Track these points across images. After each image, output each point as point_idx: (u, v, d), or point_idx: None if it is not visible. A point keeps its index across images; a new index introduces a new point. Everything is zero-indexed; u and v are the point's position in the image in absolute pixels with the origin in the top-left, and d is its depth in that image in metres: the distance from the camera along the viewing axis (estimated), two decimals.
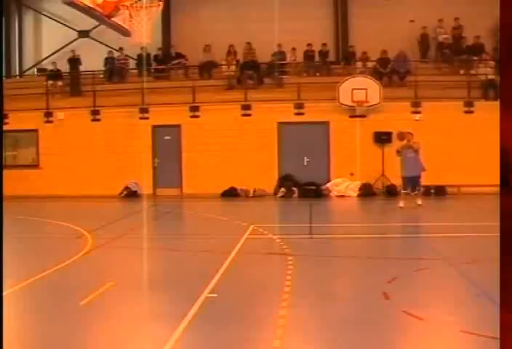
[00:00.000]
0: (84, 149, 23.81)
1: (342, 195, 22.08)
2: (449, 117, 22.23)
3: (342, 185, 22.34)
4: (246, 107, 22.90)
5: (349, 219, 17.65)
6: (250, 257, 10.65)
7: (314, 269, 9.69)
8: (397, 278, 8.50)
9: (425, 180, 18.54)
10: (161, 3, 8.57)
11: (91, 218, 16.96)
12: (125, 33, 9.17)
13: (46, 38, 29.36)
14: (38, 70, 28.80)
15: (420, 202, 17.70)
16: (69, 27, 28.58)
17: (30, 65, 29.46)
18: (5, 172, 24.15)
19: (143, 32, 8.60)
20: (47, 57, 28.82)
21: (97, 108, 23.91)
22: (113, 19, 8.75)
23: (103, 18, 8.33)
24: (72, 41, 28.47)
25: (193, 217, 18.20)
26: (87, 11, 7.77)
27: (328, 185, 22.48)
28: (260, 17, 25.13)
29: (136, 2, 8.49)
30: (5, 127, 24.58)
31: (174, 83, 24.37)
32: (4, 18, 29.10)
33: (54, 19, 28.80)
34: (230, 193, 22.45)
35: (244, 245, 11.59)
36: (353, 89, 22.13)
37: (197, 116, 23.17)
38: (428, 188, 20.90)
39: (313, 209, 18.56)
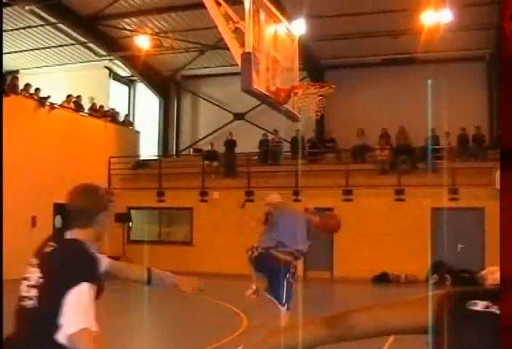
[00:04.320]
0: (237, 228, 24.36)
1: (498, 284, 21.28)
2: None
3: (498, 273, 21.56)
4: (400, 191, 22.84)
5: None
6: None
7: None
8: None
9: None
10: (333, 88, 8.84)
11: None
12: (294, 118, 9.48)
13: (203, 120, 30.70)
14: (194, 150, 30.01)
15: None
16: (225, 109, 29.79)
17: (187, 145, 30.76)
18: (159, 247, 25.27)
19: (314, 107, 8.92)
20: (203, 138, 30.03)
21: (251, 189, 24.53)
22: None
23: (276, 104, 8.66)
24: (227, 123, 29.58)
25: (345, 302, 18.06)
26: (263, 98, 8.12)
27: (483, 272, 21.79)
28: (413, 100, 25.28)
29: (308, 89, 8.80)
30: (162, 204, 25.71)
31: (327, 166, 24.72)
32: (163, 100, 30.81)
33: (210, 102, 30.14)
34: (381, 278, 22.21)
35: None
36: None
37: (350, 200, 23.28)
38: None
39: None
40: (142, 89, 31.48)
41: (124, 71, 30.38)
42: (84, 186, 3.87)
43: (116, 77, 30.55)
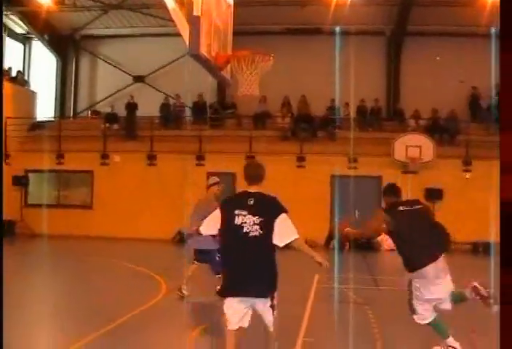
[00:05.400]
0: (138, 192, 24.32)
1: (393, 249, 22.25)
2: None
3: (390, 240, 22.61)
4: (301, 158, 23.43)
5: None
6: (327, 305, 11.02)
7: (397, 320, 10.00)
8: None
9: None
10: (271, 58, 9.03)
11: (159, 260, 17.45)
12: (227, 84, 9.64)
13: (102, 82, 30.19)
14: (92, 112, 29.51)
15: None
16: (124, 71, 29.41)
17: (85, 107, 30.21)
18: (58, 211, 24.89)
19: (253, 84, 9.06)
20: (102, 100, 29.59)
21: (153, 153, 24.49)
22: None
23: (214, 69, 8.78)
24: (127, 86, 29.25)
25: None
26: (205, 63, 8.24)
27: (378, 238, 22.79)
28: (315, 71, 25.83)
29: (248, 56, 8.96)
30: (61, 167, 25.24)
31: (229, 132, 24.98)
32: (61, 60, 30.06)
33: (109, 63, 29.67)
34: None
35: (316, 294, 11.95)
36: (408, 145, 22.64)
37: None
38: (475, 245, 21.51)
39: (369, 261, 18.92)
40: (38, 48, 30.53)
41: (19, 28, 29.36)
42: None
43: (11, 34, 29.43)
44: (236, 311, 6.15)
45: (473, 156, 23.04)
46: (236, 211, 6.18)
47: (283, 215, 6.21)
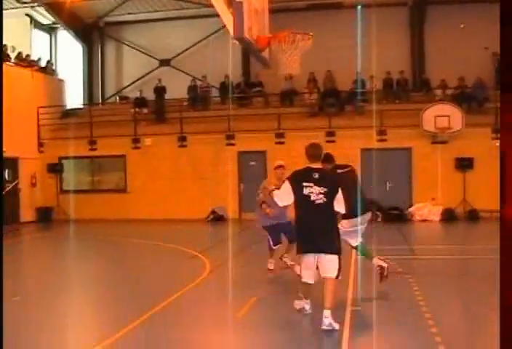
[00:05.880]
0: (171, 174, 24.70)
1: (425, 220, 22.54)
2: None
3: (425, 210, 22.81)
4: (331, 133, 23.60)
5: (445, 241, 18.51)
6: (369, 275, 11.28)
7: (439, 286, 10.29)
8: None
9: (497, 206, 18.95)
10: (311, 36, 9.25)
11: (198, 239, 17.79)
12: (265, 64, 9.85)
13: (128, 67, 30.51)
14: (120, 97, 29.87)
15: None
16: (150, 55, 29.69)
17: (112, 93, 30.58)
18: (93, 196, 25.40)
19: (294, 64, 9.31)
20: (129, 85, 29.93)
21: (183, 135, 24.81)
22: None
23: (256, 51, 9.00)
24: (153, 70, 29.54)
25: None
26: (248, 46, 8.47)
27: (411, 209, 22.99)
28: (339, 46, 25.84)
29: (288, 37, 9.18)
30: (94, 153, 25.69)
31: (257, 110, 25.16)
32: (87, 48, 30.43)
33: (135, 48, 29.96)
34: None
35: (356, 265, 12.18)
36: (436, 116, 22.67)
37: (282, 143, 23.89)
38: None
39: (403, 232, 19.23)
40: (64, 37, 30.91)
41: (45, 19, 29.74)
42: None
43: (37, 25, 29.88)
44: (308, 266, 7.71)
45: None
46: (304, 184, 7.61)
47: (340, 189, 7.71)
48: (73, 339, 7.55)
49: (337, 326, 7.34)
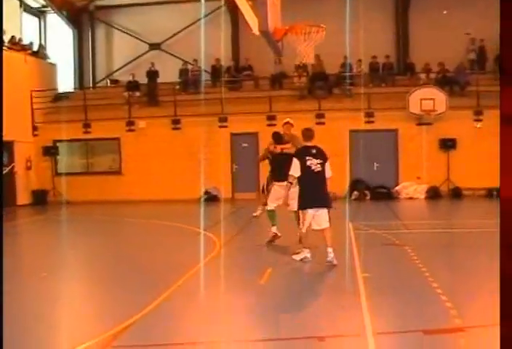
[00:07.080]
0: (165, 156, 25.35)
1: (411, 198, 23.56)
2: None
3: (411, 188, 23.83)
4: (320, 115, 24.42)
5: (432, 216, 19.73)
6: (371, 247, 12.15)
7: (436, 256, 11.24)
8: None
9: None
10: (324, 28, 10.05)
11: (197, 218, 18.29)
12: (279, 53, 10.66)
13: (118, 51, 30.98)
14: (111, 81, 30.37)
15: None
16: (140, 39, 30.20)
17: (103, 77, 31.06)
18: (88, 178, 25.96)
19: (309, 54, 10.14)
20: (119, 69, 30.43)
21: (177, 118, 25.47)
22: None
23: (274, 42, 9.74)
24: (143, 54, 30.06)
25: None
26: (268, 37, 9.20)
27: (397, 188, 23.97)
28: (326, 30, 26.45)
29: (304, 29, 9.96)
30: (88, 136, 26.23)
31: (249, 93, 25.89)
32: (77, 32, 30.82)
33: (125, 32, 30.43)
34: None
35: (356, 239, 13.07)
36: (422, 98, 23.60)
37: (274, 125, 24.55)
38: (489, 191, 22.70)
39: (393, 209, 20.26)
40: (53, 21, 31.29)
41: (34, 2, 30.09)
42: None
43: (27, 8, 30.20)
44: (309, 218, 10.20)
45: (484, 106, 23.90)
46: (307, 157, 10.33)
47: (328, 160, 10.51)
48: (113, 309, 8.00)
49: (335, 262, 9.98)
